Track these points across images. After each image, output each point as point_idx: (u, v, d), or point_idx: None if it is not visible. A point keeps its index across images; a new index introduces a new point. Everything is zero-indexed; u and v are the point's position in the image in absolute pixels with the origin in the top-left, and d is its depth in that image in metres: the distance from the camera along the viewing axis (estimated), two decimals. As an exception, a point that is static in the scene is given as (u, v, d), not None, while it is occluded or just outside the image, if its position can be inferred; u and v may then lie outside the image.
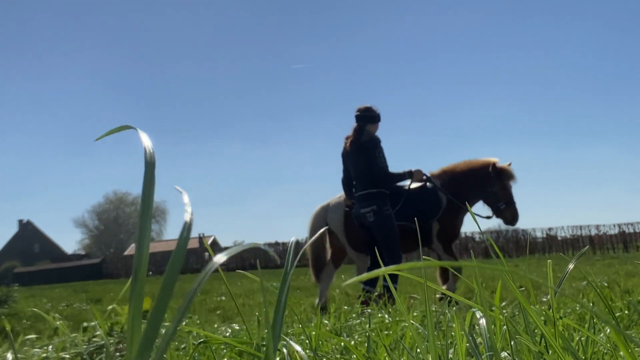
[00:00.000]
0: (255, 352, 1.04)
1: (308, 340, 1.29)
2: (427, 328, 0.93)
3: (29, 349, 1.93)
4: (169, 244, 39.13)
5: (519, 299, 0.89)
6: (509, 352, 1.04)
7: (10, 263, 39.84)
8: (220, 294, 9.21)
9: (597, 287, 0.94)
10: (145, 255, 0.43)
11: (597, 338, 1.09)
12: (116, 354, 1.94)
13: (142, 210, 0.45)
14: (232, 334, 2.48)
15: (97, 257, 41.24)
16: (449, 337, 1.16)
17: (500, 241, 24.93)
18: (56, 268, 34.07)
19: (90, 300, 9.52)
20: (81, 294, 11.28)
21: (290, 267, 0.63)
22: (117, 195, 61.95)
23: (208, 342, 1.40)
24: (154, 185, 0.45)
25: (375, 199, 4.88)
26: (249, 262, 27.78)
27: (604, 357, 1.13)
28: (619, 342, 0.69)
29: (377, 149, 4.89)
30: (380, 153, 4.90)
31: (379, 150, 4.90)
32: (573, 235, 25.32)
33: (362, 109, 5.05)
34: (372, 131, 4.98)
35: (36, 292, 14.40)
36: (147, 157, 0.46)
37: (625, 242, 23.66)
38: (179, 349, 1.91)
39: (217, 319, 5.14)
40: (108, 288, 14.29)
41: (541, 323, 0.90)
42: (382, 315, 2.41)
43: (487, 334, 0.90)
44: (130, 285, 0.42)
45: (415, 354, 1.14)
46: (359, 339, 1.69)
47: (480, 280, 1.06)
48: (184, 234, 0.45)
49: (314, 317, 2.68)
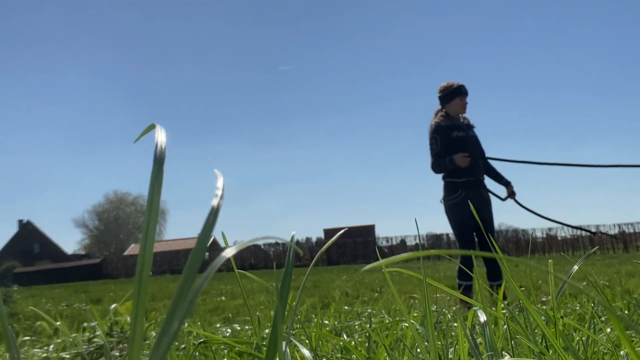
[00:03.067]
0: (255, 352, 1.04)
1: (308, 340, 1.29)
2: (427, 328, 0.93)
3: (28, 349, 1.93)
4: (169, 244, 39.11)
5: (521, 299, 0.89)
6: (509, 352, 1.04)
7: (10, 263, 39.83)
8: (220, 294, 9.21)
9: (598, 287, 0.94)
10: (149, 254, 0.43)
11: (598, 338, 1.09)
12: (116, 354, 1.94)
13: (148, 207, 0.44)
14: (232, 334, 2.48)
15: (97, 257, 41.26)
16: (449, 337, 1.16)
17: (500, 241, 24.95)
18: (56, 268, 34.06)
19: (90, 300, 9.52)
20: (81, 294, 11.28)
21: (291, 266, 0.63)
22: (117, 195, 61.95)
23: (208, 342, 1.40)
24: (162, 182, 0.45)
25: (443, 188, 4.83)
26: (249, 262, 27.77)
27: (604, 357, 1.13)
28: (623, 337, 0.69)
29: (429, 137, 4.80)
30: (432, 140, 4.77)
31: (431, 138, 4.79)
32: (573, 235, 25.35)
33: (439, 89, 4.92)
34: (455, 110, 4.81)
35: (36, 292, 14.40)
36: (157, 153, 0.46)
37: (625, 242, 23.68)
38: (179, 349, 1.91)
39: (217, 319, 5.14)
40: (108, 288, 14.29)
41: (542, 323, 0.90)
42: (382, 316, 2.41)
43: (487, 333, 0.90)
44: (134, 284, 0.42)
45: (416, 353, 1.14)
46: (359, 339, 1.69)
47: (480, 280, 1.06)
48: (211, 218, 0.43)
49: (314, 317, 2.68)
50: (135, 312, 0.41)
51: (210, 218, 0.43)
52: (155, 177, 0.44)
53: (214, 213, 0.43)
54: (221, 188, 0.46)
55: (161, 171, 0.45)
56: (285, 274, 0.62)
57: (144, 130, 0.54)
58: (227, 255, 0.43)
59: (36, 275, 32.17)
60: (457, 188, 4.77)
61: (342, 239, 28.29)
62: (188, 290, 0.39)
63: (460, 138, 4.81)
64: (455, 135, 4.82)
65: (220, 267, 0.46)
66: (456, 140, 4.81)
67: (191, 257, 0.41)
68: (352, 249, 28.69)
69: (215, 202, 0.44)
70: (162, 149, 0.46)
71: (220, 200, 0.45)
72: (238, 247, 0.44)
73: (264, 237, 0.49)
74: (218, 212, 0.44)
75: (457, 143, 4.80)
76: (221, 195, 0.45)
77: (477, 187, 4.79)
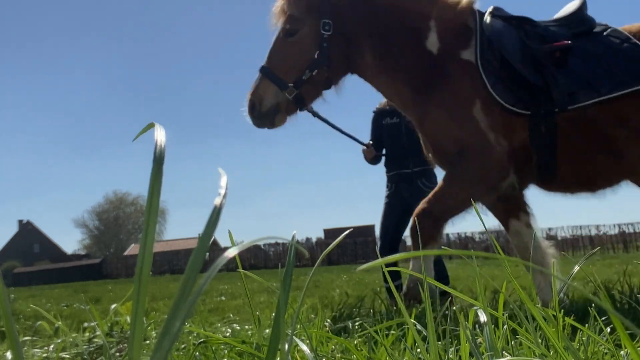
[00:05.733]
0: (256, 352, 1.04)
1: (309, 340, 1.28)
2: (427, 327, 0.93)
3: (28, 349, 1.92)
4: (169, 244, 39.10)
5: (523, 299, 0.89)
6: (510, 352, 1.04)
7: (10, 263, 39.82)
8: (220, 294, 9.21)
9: (599, 287, 0.94)
10: (149, 254, 0.43)
11: (599, 338, 1.09)
12: (116, 354, 1.93)
13: (148, 207, 0.44)
14: (232, 334, 2.48)
15: (97, 257, 41.24)
16: (449, 337, 1.16)
17: (500, 241, 24.94)
18: (56, 268, 34.07)
19: (90, 300, 9.51)
20: (81, 294, 11.27)
21: (291, 266, 0.63)
22: (117, 195, 61.96)
23: (208, 342, 1.40)
24: (161, 182, 0.44)
25: None
26: (248, 262, 27.76)
27: (604, 357, 1.13)
28: (624, 337, 0.69)
29: None
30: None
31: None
32: (573, 235, 25.34)
33: None
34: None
35: (36, 292, 14.38)
36: (157, 153, 0.45)
37: (625, 242, 23.69)
38: (179, 349, 1.90)
39: (217, 319, 5.12)
40: (108, 288, 14.28)
41: (543, 323, 0.90)
42: (382, 316, 2.41)
43: (488, 333, 0.90)
44: (134, 284, 0.42)
45: (416, 353, 1.14)
46: (360, 339, 1.68)
47: (481, 280, 1.06)
48: (213, 217, 0.43)
49: (315, 317, 2.68)
50: (135, 312, 0.41)
51: (213, 217, 0.42)
52: (155, 177, 0.44)
53: (216, 212, 0.43)
54: (224, 187, 0.45)
55: (161, 171, 0.45)
56: (286, 274, 0.62)
57: (142, 129, 0.54)
58: (230, 255, 0.42)
59: (36, 275, 32.17)
60: (388, 182, 4.43)
61: (343, 239, 28.25)
62: (190, 289, 0.39)
63: (390, 125, 4.41)
64: (385, 123, 4.43)
65: (220, 267, 0.46)
66: (385, 127, 4.43)
67: (193, 256, 0.41)
68: (352, 249, 28.70)
69: (218, 201, 0.44)
70: (161, 149, 0.46)
71: (223, 199, 0.44)
72: (240, 247, 0.43)
73: (266, 238, 0.49)
74: (221, 211, 0.43)
75: (387, 131, 4.41)
76: (224, 194, 0.45)
77: (410, 180, 4.33)
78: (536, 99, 2.79)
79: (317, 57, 2.94)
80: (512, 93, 2.79)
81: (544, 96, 2.79)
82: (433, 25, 2.95)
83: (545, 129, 2.79)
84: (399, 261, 3.82)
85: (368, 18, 3.01)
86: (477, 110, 2.79)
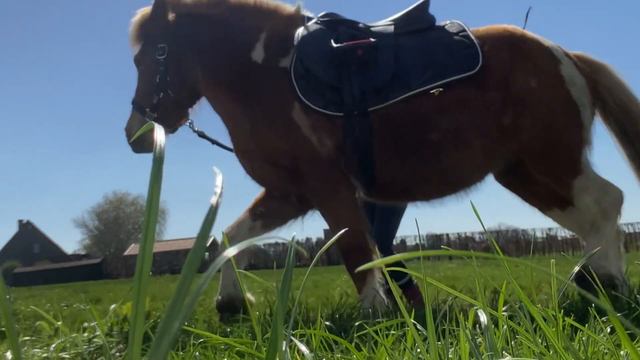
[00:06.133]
0: (256, 352, 1.04)
1: (308, 340, 1.28)
2: (427, 328, 0.93)
3: (28, 349, 1.92)
4: (169, 244, 39.09)
5: (522, 299, 0.89)
6: (509, 352, 1.04)
7: (10, 263, 39.83)
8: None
9: (599, 287, 0.94)
10: (149, 254, 0.43)
11: (599, 338, 1.09)
12: (116, 354, 1.94)
13: (148, 207, 0.44)
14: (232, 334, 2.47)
15: (97, 257, 41.25)
16: (449, 337, 1.16)
17: (500, 241, 24.97)
18: (56, 268, 34.08)
19: (90, 300, 9.51)
20: (81, 294, 11.27)
21: (291, 266, 0.63)
22: (117, 195, 61.92)
23: (208, 342, 1.40)
24: (161, 182, 0.44)
25: None
26: (248, 262, 27.74)
27: (604, 357, 1.13)
28: (623, 337, 0.69)
29: None
30: None
31: None
32: (573, 235, 25.31)
33: None
34: None
35: (36, 292, 14.38)
36: (156, 153, 0.45)
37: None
38: (179, 349, 1.90)
39: (217, 318, 5.12)
40: (108, 288, 14.27)
41: (543, 323, 0.90)
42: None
43: (488, 333, 0.90)
44: (134, 284, 0.42)
45: (416, 353, 1.14)
46: (360, 338, 1.68)
47: (481, 280, 1.06)
48: (210, 217, 0.43)
49: (314, 317, 2.68)
50: (135, 312, 0.41)
51: (209, 216, 0.42)
52: (155, 177, 0.44)
53: (212, 211, 0.43)
54: (220, 186, 0.45)
55: (161, 171, 0.45)
56: (285, 274, 0.62)
57: (141, 129, 0.54)
58: (229, 255, 0.42)
59: (36, 275, 32.17)
60: None
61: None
62: (187, 289, 0.39)
63: None
64: None
65: (219, 267, 0.45)
66: None
67: (190, 256, 0.41)
68: (352, 249, 28.64)
69: (214, 200, 0.44)
70: (161, 149, 0.46)
71: (219, 198, 0.44)
72: (239, 247, 0.43)
73: (266, 237, 0.49)
74: (217, 210, 0.43)
75: None
76: (220, 193, 0.45)
77: None
78: (345, 100, 2.79)
79: (157, 82, 3.09)
80: (322, 96, 2.80)
81: (351, 97, 2.78)
82: (262, 37, 3.00)
83: (359, 130, 2.76)
84: (400, 261, 3.72)
85: (193, 36, 3.09)
86: (297, 114, 2.82)
